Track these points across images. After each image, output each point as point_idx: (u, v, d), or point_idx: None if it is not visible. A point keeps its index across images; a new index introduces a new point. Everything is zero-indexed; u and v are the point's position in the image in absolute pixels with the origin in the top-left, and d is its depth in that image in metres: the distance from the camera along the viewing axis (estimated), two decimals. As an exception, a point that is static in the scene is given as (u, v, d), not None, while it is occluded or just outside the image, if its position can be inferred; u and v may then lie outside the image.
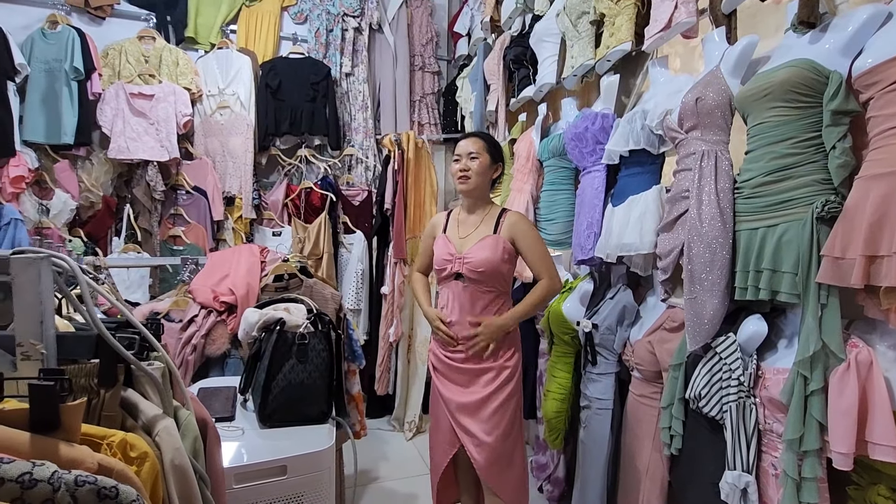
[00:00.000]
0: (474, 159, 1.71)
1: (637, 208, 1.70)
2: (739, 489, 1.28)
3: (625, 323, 1.82)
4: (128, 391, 0.61)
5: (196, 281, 1.81)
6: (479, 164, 1.70)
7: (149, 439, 0.57)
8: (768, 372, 1.27)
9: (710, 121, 1.42)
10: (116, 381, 0.58)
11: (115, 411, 0.58)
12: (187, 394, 0.69)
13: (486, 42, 3.05)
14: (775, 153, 1.24)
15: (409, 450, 2.79)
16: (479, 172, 1.71)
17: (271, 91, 3.11)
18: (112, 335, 0.57)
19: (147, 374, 0.61)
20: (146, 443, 0.55)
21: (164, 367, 0.64)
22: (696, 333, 1.39)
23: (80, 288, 0.56)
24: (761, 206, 1.28)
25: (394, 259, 2.96)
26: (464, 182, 1.71)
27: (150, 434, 0.58)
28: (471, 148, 1.71)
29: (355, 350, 1.97)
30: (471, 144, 1.72)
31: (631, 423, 1.78)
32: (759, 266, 1.26)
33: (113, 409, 0.58)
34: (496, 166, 1.76)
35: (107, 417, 0.57)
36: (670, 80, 1.73)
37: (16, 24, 2.77)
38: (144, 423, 0.59)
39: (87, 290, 0.57)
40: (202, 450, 0.66)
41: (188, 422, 0.65)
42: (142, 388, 0.62)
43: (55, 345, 0.56)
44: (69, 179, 2.80)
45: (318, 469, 1.06)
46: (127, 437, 0.53)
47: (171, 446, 0.57)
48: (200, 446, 0.66)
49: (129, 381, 0.63)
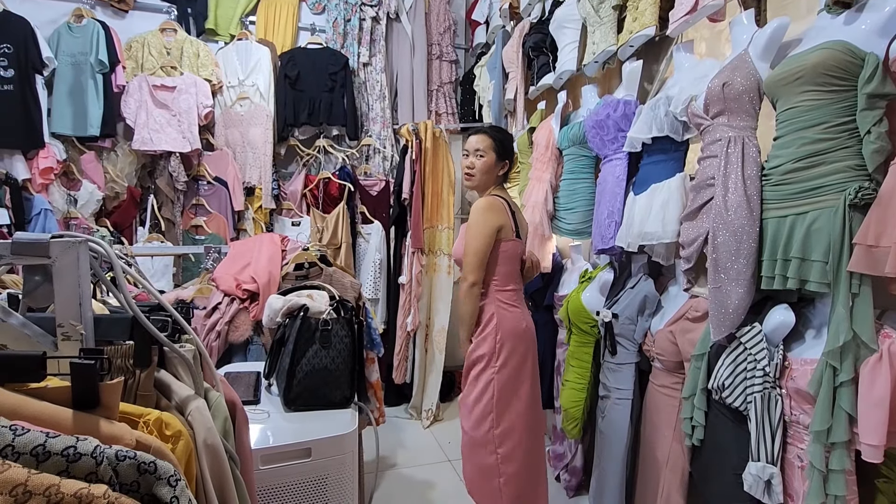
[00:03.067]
0: (480, 157, 1.73)
1: (660, 196, 1.67)
2: (763, 481, 1.26)
3: (646, 313, 1.80)
4: (161, 372, 0.63)
5: (219, 269, 1.84)
6: (484, 163, 1.73)
7: (182, 419, 0.59)
8: (795, 363, 1.25)
9: (738, 106, 1.39)
10: (150, 363, 0.60)
11: (149, 391, 0.60)
12: (217, 376, 0.70)
13: (504, 30, 3.01)
14: (806, 139, 1.21)
15: (427, 438, 2.82)
16: (483, 171, 1.74)
17: (290, 82, 3.13)
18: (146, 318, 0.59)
19: (180, 355, 0.62)
20: (180, 422, 0.57)
21: (194, 349, 0.66)
22: (720, 323, 1.37)
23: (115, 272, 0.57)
24: (790, 194, 1.25)
25: (411, 249, 2.97)
26: (468, 179, 1.77)
27: (182, 414, 0.60)
28: (478, 145, 1.73)
29: (374, 338, 1.99)
30: (478, 142, 1.74)
31: (651, 413, 1.76)
32: (788, 255, 1.23)
33: (148, 389, 0.60)
34: (502, 164, 1.77)
35: (142, 397, 0.59)
36: (695, 65, 1.69)
37: (44, 18, 2.84)
38: (178, 403, 0.61)
39: (122, 274, 0.58)
40: (231, 430, 0.68)
41: (218, 403, 0.67)
42: (174, 369, 0.64)
43: (93, 326, 0.57)
44: (95, 171, 2.86)
45: (342, 452, 1.08)
46: (162, 416, 0.55)
47: (203, 426, 0.59)
48: (230, 427, 0.68)
49: (162, 363, 0.65)
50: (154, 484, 0.44)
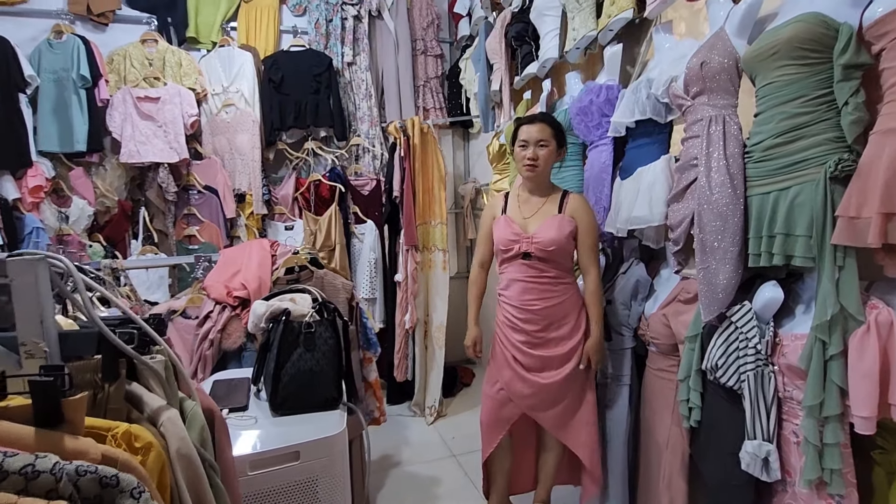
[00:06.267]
0: (543, 147, 1.70)
1: (646, 180, 1.66)
2: (760, 458, 1.26)
3: (639, 297, 1.79)
4: (132, 384, 0.63)
5: (209, 278, 1.84)
6: (548, 152, 1.71)
7: (154, 430, 0.59)
8: (786, 338, 1.24)
9: (717, 84, 1.37)
10: (119, 376, 0.60)
11: (119, 404, 0.59)
12: (192, 385, 0.70)
13: (487, 21, 2.99)
14: (786, 113, 1.20)
15: (431, 434, 2.83)
16: (548, 161, 1.73)
17: (274, 85, 3.11)
18: (112, 331, 0.58)
19: (147, 366, 0.62)
20: (151, 433, 0.57)
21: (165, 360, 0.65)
22: (710, 303, 1.36)
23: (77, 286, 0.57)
24: (773, 170, 1.23)
25: (405, 246, 2.96)
26: (531, 171, 1.72)
27: (155, 425, 0.60)
28: (540, 135, 1.70)
29: (370, 338, 1.99)
30: (540, 131, 1.70)
31: (649, 397, 1.76)
32: (773, 231, 1.22)
33: (118, 402, 0.59)
34: (561, 151, 1.77)
35: (112, 410, 0.59)
36: (675, 45, 1.68)
37: (24, 36, 2.82)
38: (149, 415, 0.60)
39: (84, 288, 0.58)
40: (210, 438, 0.68)
41: (194, 412, 0.66)
42: (146, 381, 0.64)
43: (58, 342, 0.57)
44: (85, 186, 2.86)
45: (331, 453, 1.09)
46: (131, 429, 0.55)
47: (175, 436, 0.59)
48: (208, 435, 0.68)
49: (135, 376, 0.64)
50: (117, 497, 0.44)
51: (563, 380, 1.72)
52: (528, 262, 1.71)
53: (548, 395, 1.74)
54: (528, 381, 1.73)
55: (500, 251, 1.77)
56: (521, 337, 1.73)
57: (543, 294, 1.70)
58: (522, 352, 1.73)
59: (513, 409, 1.77)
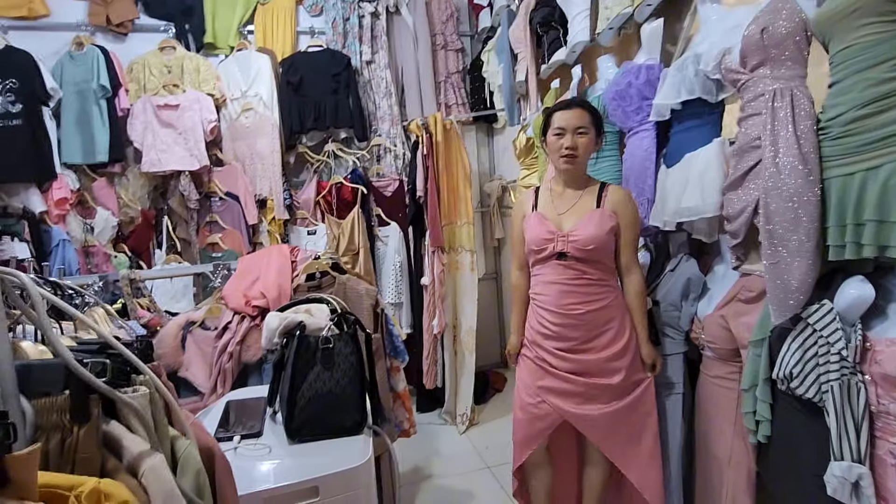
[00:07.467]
0: (582, 135, 1.53)
1: (696, 166, 1.49)
2: (850, 482, 1.08)
3: (690, 297, 1.62)
4: (111, 424, 0.52)
5: (228, 287, 1.76)
6: (588, 140, 1.54)
7: (134, 483, 0.48)
8: (879, 344, 1.06)
9: (781, 53, 1.20)
10: (90, 416, 0.49)
11: (90, 451, 0.48)
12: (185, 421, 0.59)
13: (509, 9, 2.85)
14: (871, 80, 1.03)
15: (463, 444, 2.69)
16: (587, 150, 1.56)
17: (293, 88, 3.04)
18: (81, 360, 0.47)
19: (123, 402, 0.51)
20: (128, 489, 0.45)
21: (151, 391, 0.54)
22: (782, 303, 1.19)
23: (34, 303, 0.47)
24: (857, 146, 1.06)
25: (431, 248, 2.84)
26: (570, 161, 1.54)
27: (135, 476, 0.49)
28: (579, 122, 1.53)
29: (397, 346, 1.87)
30: (578, 118, 1.53)
31: (705, 407, 1.59)
32: (860, 218, 1.05)
33: (89, 450, 0.48)
34: (599, 140, 1.60)
35: (82, 460, 0.48)
36: (725, 15, 1.50)
37: (48, 50, 2.82)
38: (129, 463, 0.49)
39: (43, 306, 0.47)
40: (207, 484, 0.57)
41: (187, 454, 0.55)
42: (127, 420, 0.53)
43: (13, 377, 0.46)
44: (108, 197, 2.85)
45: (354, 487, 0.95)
46: (101, 486, 0.44)
47: (160, 490, 0.47)
48: (205, 481, 0.56)
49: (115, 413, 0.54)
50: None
51: (615, 395, 1.56)
52: (564, 263, 1.55)
53: (597, 394, 1.56)
54: (572, 380, 1.56)
55: (532, 251, 1.62)
56: (558, 344, 1.58)
57: (586, 297, 1.54)
58: (557, 356, 1.57)
59: (551, 420, 1.61)
